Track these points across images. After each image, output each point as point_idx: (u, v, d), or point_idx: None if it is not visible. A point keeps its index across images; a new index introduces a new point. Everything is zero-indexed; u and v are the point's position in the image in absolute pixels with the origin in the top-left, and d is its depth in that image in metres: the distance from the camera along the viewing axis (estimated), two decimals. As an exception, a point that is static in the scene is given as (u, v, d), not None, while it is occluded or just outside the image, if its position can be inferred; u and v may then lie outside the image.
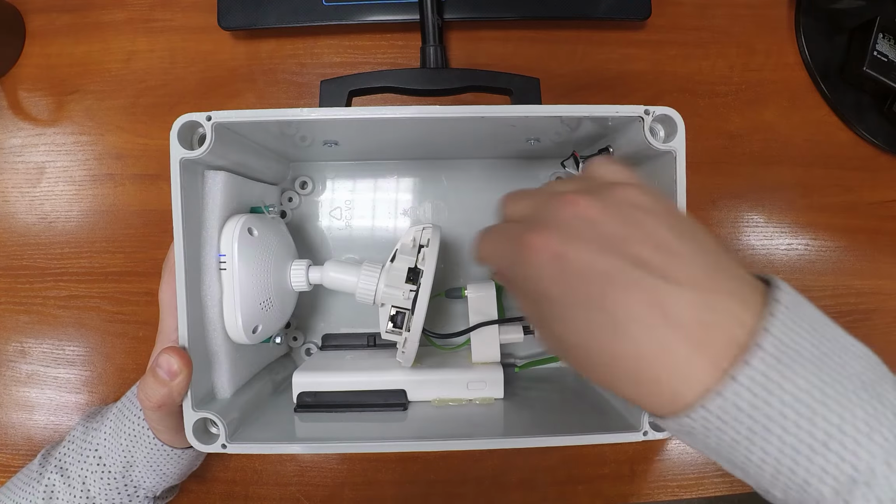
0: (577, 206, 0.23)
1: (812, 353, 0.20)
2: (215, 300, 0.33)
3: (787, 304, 0.20)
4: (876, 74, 0.46)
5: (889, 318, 0.49)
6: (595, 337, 0.21)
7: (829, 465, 0.19)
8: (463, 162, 0.45)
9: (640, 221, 0.22)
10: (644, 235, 0.22)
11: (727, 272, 0.21)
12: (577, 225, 0.22)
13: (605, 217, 0.22)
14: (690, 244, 0.22)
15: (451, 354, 0.43)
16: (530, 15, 0.46)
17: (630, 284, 0.21)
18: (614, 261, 0.21)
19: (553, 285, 0.22)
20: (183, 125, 0.31)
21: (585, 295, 0.21)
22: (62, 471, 0.36)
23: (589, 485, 0.46)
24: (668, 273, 0.21)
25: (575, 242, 0.22)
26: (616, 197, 0.23)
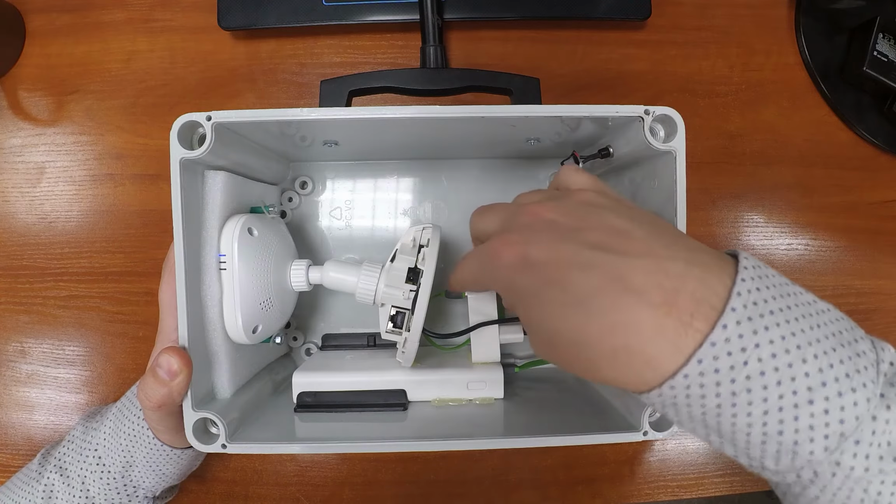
0: (536, 212, 0.25)
1: (783, 311, 0.20)
2: (215, 300, 0.33)
3: (750, 269, 0.21)
4: (876, 74, 0.46)
5: (889, 318, 0.49)
6: (567, 321, 0.23)
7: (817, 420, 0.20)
8: (463, 162, 0.45)
9: (595, 214, 0.24)
10: (598, 224, 0.24)
11: (683, 244, 0.23)
12: (537, 226, 0.25)
13: (562, 216, 0.24)
14: (645, 227, 0.23)
15: (451, 354, 0.43)
16: (530, 15, 0.46)
17: (589, 265, 0.22)
18: (572, 246, 0.23)
19: (522, 281, 0.24)
20: (183, 125, 0.31)
21: (551, 282, 0.23)
22: (61, 470, 0.36)
23: (589, 485, 0.46)
24: (623, 249, 0.22)
25: (536, 241, 0.24)
26: (573, 200, 0.25)
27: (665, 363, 0.21)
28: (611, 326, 0.21)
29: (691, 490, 0.47)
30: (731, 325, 0.20)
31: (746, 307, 0.20)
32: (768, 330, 0.20)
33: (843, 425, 0.20)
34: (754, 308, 0.20)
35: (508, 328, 0.40)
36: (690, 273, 0.21)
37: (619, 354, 0.21)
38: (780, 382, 0.20)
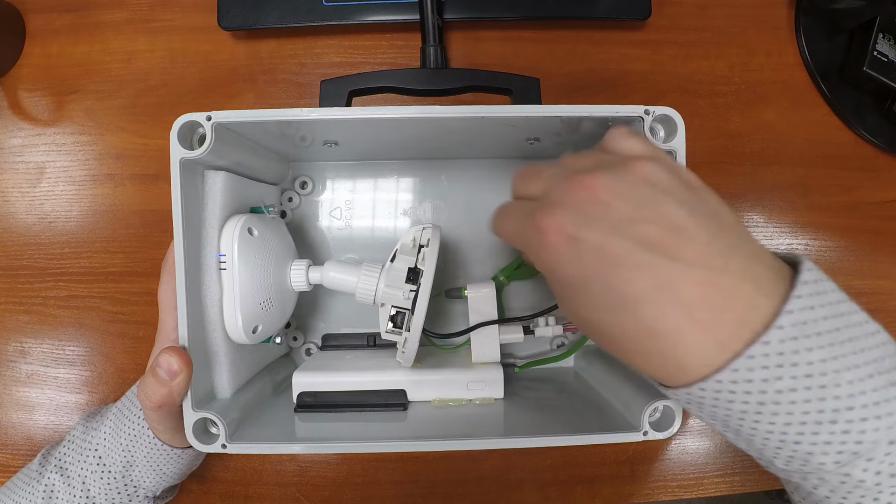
0: (590, 188, 0.23)
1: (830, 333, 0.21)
2: (215, 300, 0.33)
3: (810, 285, 0.21)
4: (876, 74, 0.46)
5: (889, 318, 0.49)
6: (608, 315, 0.23)
7: (834, 438, 0.21)
8: (463, 162, 0.45)
9: (654, 201, 0.22)
10: (656, 215, 0.22)
11: (742, 252, 0.22)
12: (590, 207, 0.22)
13: (618, 198, 0.22)
14: (705, 223, 0.22)
15: (451, 354, 0.43)
16: (530, 15, 0.46)
17: (640, 266, 0.21)
18: (625, 243, 0.21)
19: (568, 268, 0.23)
20: (183, 125, 0.31)
21: (599, 276, 0.22)
22: (62, 470, 0.36)
23: (589, 485, 0.46)
24: (678, 254, 0.21)
25: (588, 225, 0.22)
26: (631, 174, 0.23)
27: (696, 371, 0.21)
28: (650, 331, 0.22)
29: (691, 490, 0.47)
30: (773, 342, 0.20)
31: (795, 326, 0.20)
32: (811, 351, 0.20)
33: (859, 445, 0.21)
34: (802, 328, 0.20)
35: (508, 328, 0.40)
36: (741, 291, 0.21)
37: (654, 356, 0.22)
38: (809, 400, 0.20)
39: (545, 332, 0.40)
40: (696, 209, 0.22)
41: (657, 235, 0.21)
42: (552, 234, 0.23)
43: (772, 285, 0.21)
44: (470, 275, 0.45)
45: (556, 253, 0.23)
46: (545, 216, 0.23)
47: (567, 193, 0.23)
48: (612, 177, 0.23)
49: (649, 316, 0.21)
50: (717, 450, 0.47)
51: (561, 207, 0.23)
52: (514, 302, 0.45)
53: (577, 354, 0.45)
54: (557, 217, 0.23)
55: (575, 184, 0.23)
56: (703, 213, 0.22)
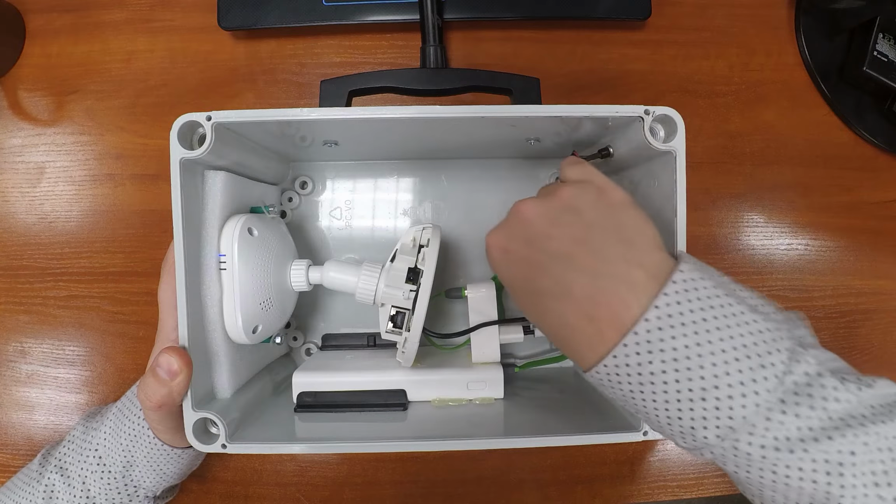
0: (519, 212, 0.30)
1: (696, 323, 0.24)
2: (215, 300, 0.33)
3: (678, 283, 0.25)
4: (876, 74, 0.46)
5: (889, 318, 0.49)
6: (529, 307, 0.30)
7: (708, 414, 0.24)
8: (463, 162, 0.45)
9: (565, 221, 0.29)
10: (563, 233, 0.28)
11: (627, 260, 0.27)
12: (517, 227, 0.30)
13: (539, 218, 0.29)
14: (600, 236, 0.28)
15: (451, 354, 0.43)
16: (530, 15, 0.46)
17: (547, 270, 0.28)
18: (539, 253, 0.29)
19: (504, 272, 0.31)
20: (183, 125, 0.31)
21: (521, 277, 0.30)
22: (62, 470, 0.36)
23: (589, 485, 0.46)
24: (575, 262, 0.27)
25: (513, 240, 0.30)
26: (554, 199, 0.29)
27: (588, 357, 0.27)
28: (552, 320, 0.28)
29: (691, 490, 0.47)
30: (641, 332, 0.25)
31: (661, 318, 0.24)
32: (675, 339, 0.24)
33: (731, 420, 0.24)
34: (668, 319, 0.24)
35: (508, 328, 0.40)
36: (617, 292, 0.26)
37: (560, 341, 0.29)
38: (679, 381, 0.24)
39: (545, 332, 0.40)
40: (599, 225, 0.28)
41: (562, 247, 0.28)
42: (492, 248, 0.31)
43: (643, 288, 0.26)
44: (470, 275, 0.45)
45: (495, 261, 0.31)
46: (491, 234, 0.32)
47: (508, 217, 0.31)
48: (539, 203, 0.30)
49: (552, 308, 0.28)
50: (717, 450, 0.47)
51: (500, 229, 0.31)
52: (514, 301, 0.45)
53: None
54: (495, 234, 0.31)
55: (514, 210, 0.31)
56: (603, 228, 0.28)
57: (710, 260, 0.47)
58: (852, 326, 0.48)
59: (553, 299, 0.28)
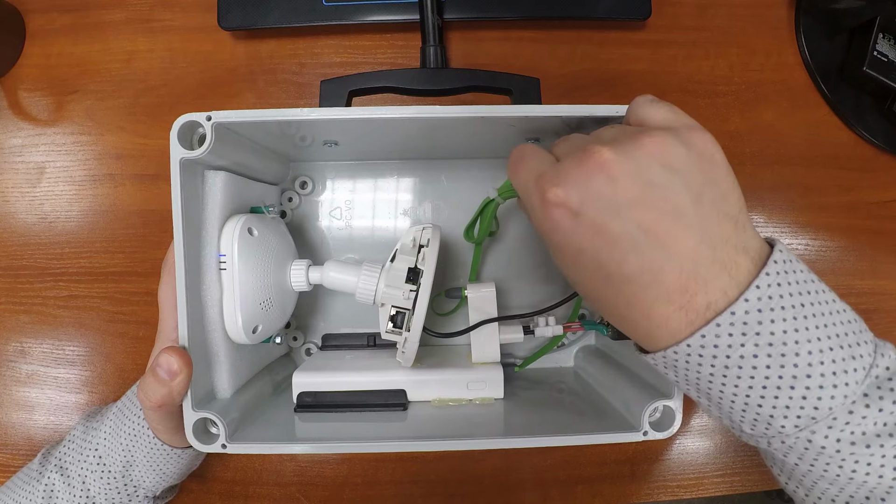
0: (600, 164, 0.23)
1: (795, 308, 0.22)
2: (215, 300, 0.33)
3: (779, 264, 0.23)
4: (876, 74, 0.46)
5: (889, 318, 0.49)
6: (593, 282, 0.25)
7: (794, 403, 0.23)
8: (463, 162, 0.45)
9: (661, 183, 0.23)
10: (660, 200, 0.22)
11: (731, 243, 0.23)
12: (596, 184, 0.23)
13: (626, 177, 0.22)
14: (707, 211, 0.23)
15: (451, 354, 0.43)
16: (530, 15, 0.46)
17: (633, 250, 0.23)
18: (624, 226, 0.23)
19: (565, 239, 0.24)
20: (183, 125, 0.31)
21: (592, 251, 0.24)
22: (62, 470, 0.36)
23: (589, 485, 0.46)
24: (671, 242, 0.22)
25: (591, 203, 0.23)
26: (643, 151, 0.23)
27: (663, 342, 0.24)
28: (628, 305, 0.24)
29: (691, 490, 0.47)
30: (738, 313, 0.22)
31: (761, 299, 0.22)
32: (773, 322, 0.22)
33: (816, 411, 0.23)
34: (768, 301, 0.22)
35: (508, 328, 0.40)
36: (718, 281, 0.22)
37: (629, 324, 0.25)
38: (770, 366, 0.22)
39: (545, 332, 0.40)
40: (702, 195, 0.23)
41: (656, 222, 0.22)
42: (555, 208, 0.24)
43: (747, 275, 0.23)
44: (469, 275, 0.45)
45: (556, 224, 0.24)
46: (552, 186, 0.24)
47: (578, 166, 0.23)
48: (624, 153, 0.23)
49: (631, 293, 0.23)
50: (717, 450, 0.47)
51: (568, 180, 0.23)
52: (514, 301, 0.45)
53: (578, 354, 0.45)
54: (563, 190, 0.23)
55: (587, 157, 0.23)
56: (708, 199, 0.23)
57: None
58: (852, 326, 0.48)
59: (636, 285, 0.23)
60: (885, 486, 0.23)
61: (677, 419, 0.32)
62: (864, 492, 0.24)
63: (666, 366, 0.25)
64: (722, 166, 0.24)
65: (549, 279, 0.45)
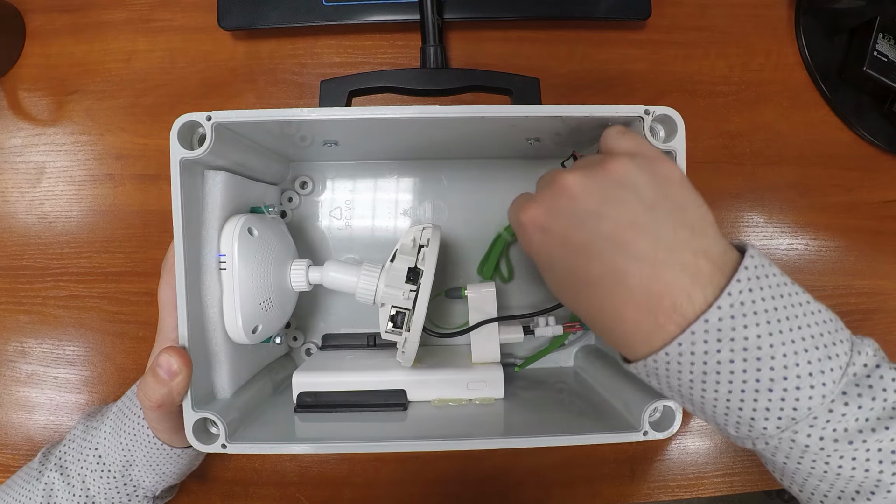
0: (562, 186, 0.27)
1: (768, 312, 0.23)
2: (215, 300, 0.33)
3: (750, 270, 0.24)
4: (876, 74, 0.46)
5: (889, 318, 0.49)
6: (572, 294, 0.27)
7: (773, 405, 0.23)
8: (463, 162, 0.45)
9: (618, 198, 0.25)
10: (617, 214, 0.25)
11: (690, 248, 0.24)
12: (560, 202, 0.27)
13: (586, 194, 0.26)
14: (662, 220, 0.25)
15: (451, 354, 0.43)
16: (530, 15, 0.46)
17: (596, 255, 0.25)
18: (586, 234, 0.26)
19: (539, 252, 0.28)
20: (183, 125, 0.31)
21: (561, 260, 0.27)
22: (62, 469, 0.36)
23: (589, 485, 0.46)
24: (630, 247, 0.24)
25: (555, 217, 0.27)
26: (603, 172, 0.26)
27: (639, 347, 0.25)
28: (600, 310, 0.26)
29: (691, 490, 0.47)
30: (712, 320, 0.23)
31: (733, 306, 0.23)
32: (747, 328, 0.23)
33: (795, 412, 0.23)
34: (740, 308, 0.23)
35: (509, 328, 0.40)
36: (679, 283, 0.24)
37: (606, 331, 0.26)
38: (746, 370, 0.23)
39: (545, 332, 0.40)
40: (657, 206, 0.25)
41: (614, 229, 0.25)
42: (527, 225, 0.28)
43: (709, 278, 0.24)
44: (470, 275, 0.45)
45: (531, 240, 0.28)
46: (525, 210, 0.28)
47: (545, 190, 0.28)
48: (585, 175, 0.26)
49: (600, 296, 0.25)
50: (717, 450, 0.47)
51: (537, 203, 0.28)
52: (514, 301, 0.45)
53: (577, 354, 0.45)
54: (532, 210, 0.28)
55: (551, 182, 0.27)
56: (663, 210, 0.25)
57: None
58: (852, 326, 0.47)
59: (603, 289, 0.25)
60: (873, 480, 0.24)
61: (677, 419, 0.32)
62: (853, 486, 0.24)
63: (647, 374, 0.26)
64: (677, 182, 0.26)
65: (549, 279, 0.45)
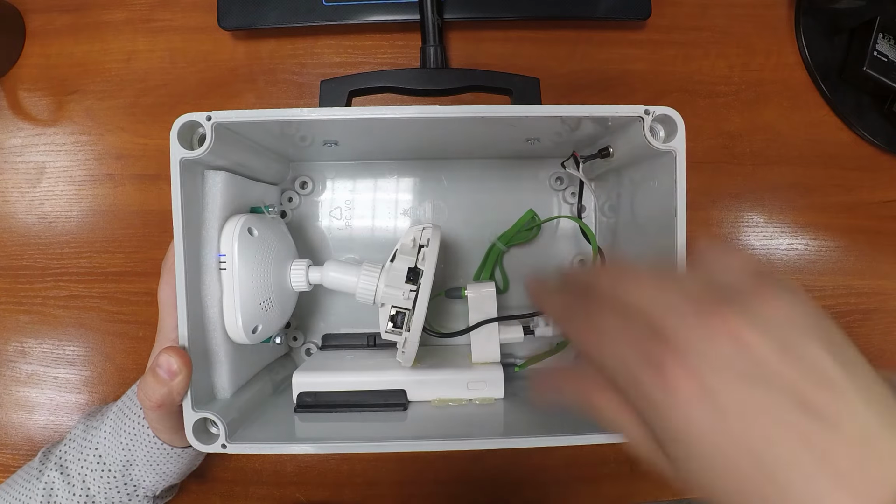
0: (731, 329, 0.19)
1: None
2: (215, 300, 0.33)
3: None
4: (876, 74, 0.46)
5: (889, 318, 0.49)
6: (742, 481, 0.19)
7: None
8: (463, 162, 0.45)
9: (798, 347, 0.19)
10: (805, 367, 0.19)
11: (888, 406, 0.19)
12: (727, 353, 0.19)
13: (759, 342, 0.19)
14: (850, 374, 0.19)
15: (451, 354, 0.43)
16: (530, 15, 0.46)
17: (789, 426, 0.18)
18: (773, 398, 0.19)
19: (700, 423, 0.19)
20: (183, 125, 0.31)
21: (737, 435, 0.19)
22: (62, 469, 0.36)
23: (589, 485, 0.46)
24: (830, 414, 0.18)
25: (725, 375, 0.19)
26: (764, 312, 0.20)
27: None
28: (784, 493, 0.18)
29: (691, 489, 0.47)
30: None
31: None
32: None
33: None
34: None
35: (508, 327, 0.40)
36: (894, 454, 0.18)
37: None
38: None
39: (545, 332, 0.40)
40: (840, 358, 0.19)
41: (808, 391, 0.18)
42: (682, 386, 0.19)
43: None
44: (470, 275, 0.45)
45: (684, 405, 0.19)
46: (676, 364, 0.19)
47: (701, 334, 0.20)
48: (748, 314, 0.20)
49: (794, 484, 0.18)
50: (717, 450, 0.47)
51: (696, 353, 0.19)
52: (514, 301, 0.45)
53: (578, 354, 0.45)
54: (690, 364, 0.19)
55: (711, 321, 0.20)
56: (845, 362, 0.19)
57: (710, 260, 0.48)
58: (852, 326, 0.48)
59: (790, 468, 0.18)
60: None
61: (677, 419, 0.32)
62: None
63: None
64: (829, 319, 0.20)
65: (549, 279, 0.45)
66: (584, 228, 0.40)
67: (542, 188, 0.45)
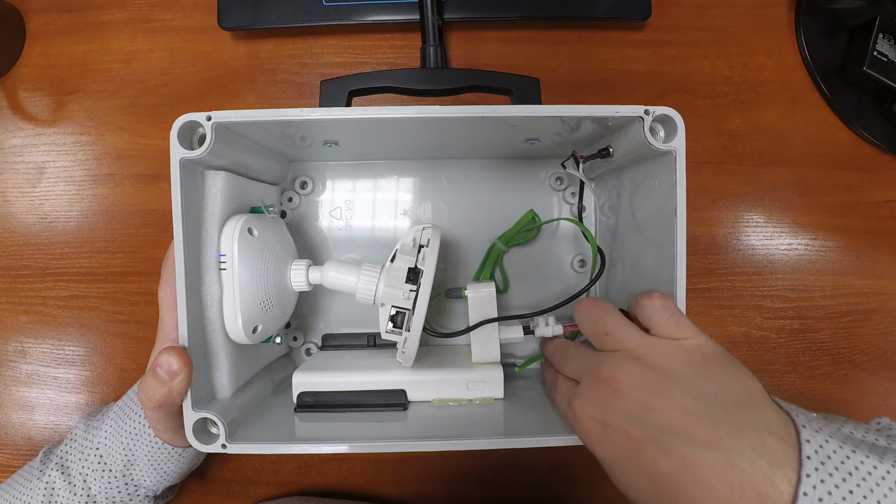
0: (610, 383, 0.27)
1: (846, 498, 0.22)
2: (215, 300, 0.33)
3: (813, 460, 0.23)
4: (876, 74, 0.46)
5: (889, 318, 0.49)
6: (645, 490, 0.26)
7: None
8: (463, 162, 0.45)
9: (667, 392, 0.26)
10: (669, 406, 0.25)
11: (752, 426, 0.24)
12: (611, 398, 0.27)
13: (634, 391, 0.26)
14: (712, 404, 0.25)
15: (451, 354, 0.43)
16: (530, 15, 0.46)
17: (663, 449, 0.25)
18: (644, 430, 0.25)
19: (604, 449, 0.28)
20: (183, 125, 0.31)
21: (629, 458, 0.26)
22: (63, 469, 0.36)
23: (589, 485, 0.46)
24: (692, 437, 0.24)
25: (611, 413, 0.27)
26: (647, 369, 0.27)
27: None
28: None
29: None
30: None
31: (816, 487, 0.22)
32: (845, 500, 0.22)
33: None
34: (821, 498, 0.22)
35: (508, 327, 0.40)
36: (757, 467, 0.23)
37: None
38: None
39: (545, 332, 0.40)
40: (702, 392, 0.25)
41: (671, 421, 0.25)
42: (584, 421, 0.28)
43: (784, 457, 0.23)
44: (470, 275, 0.45)
45: (590, 437, 0.28)
46: (578, 405, 0.29)
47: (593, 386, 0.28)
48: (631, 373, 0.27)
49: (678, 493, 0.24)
50: (716, 450, 0.47)
51: (587, 398, 0.28)
52: (514, 301, 0.45)
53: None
54: (583, 405, 0.28)
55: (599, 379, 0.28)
56: (709, 394, 0.25)
57: (710, 260, 0.48)
58: (852, 326, 0.48)
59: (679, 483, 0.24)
60: None
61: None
62: None
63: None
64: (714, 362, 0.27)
65: (548, 280, 0.45)
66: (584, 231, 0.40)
67: (542, 188, 0.45)
